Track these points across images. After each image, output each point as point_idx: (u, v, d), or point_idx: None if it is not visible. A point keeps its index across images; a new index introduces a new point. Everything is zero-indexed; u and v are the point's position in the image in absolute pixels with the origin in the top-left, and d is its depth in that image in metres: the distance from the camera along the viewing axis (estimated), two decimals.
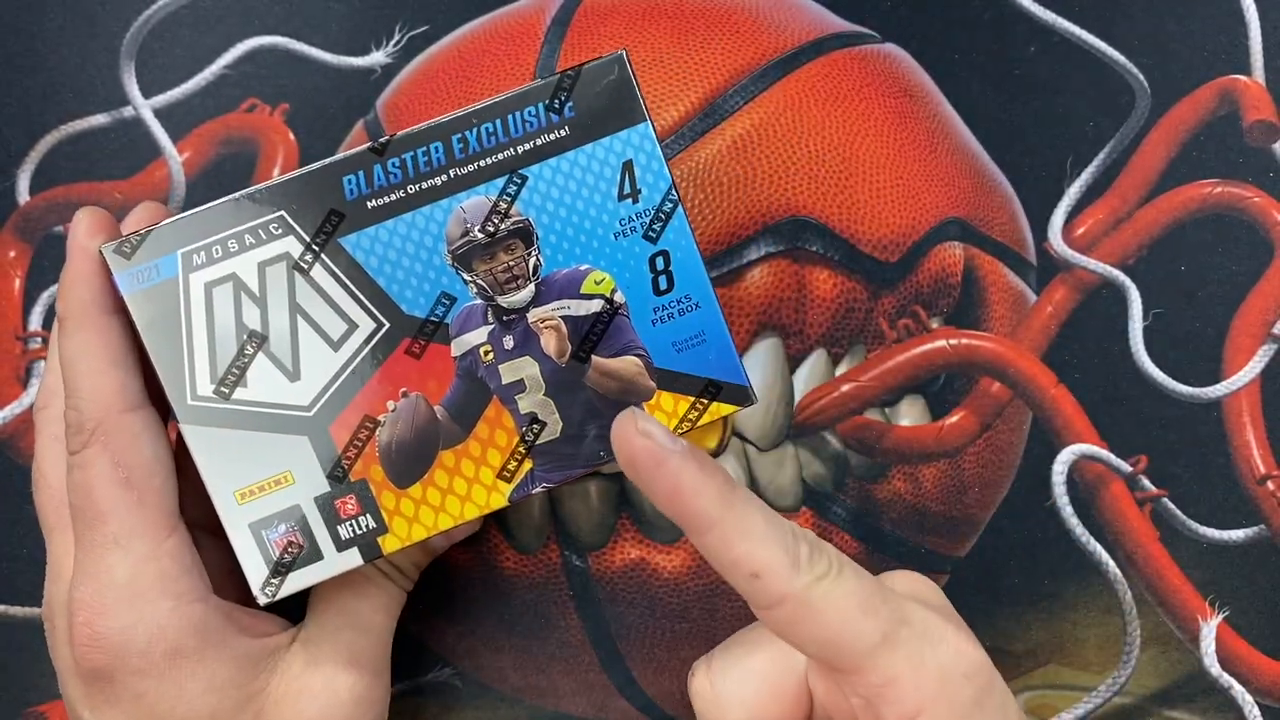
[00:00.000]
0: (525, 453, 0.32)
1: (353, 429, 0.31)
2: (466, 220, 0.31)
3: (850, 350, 0.41)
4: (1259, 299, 0.41)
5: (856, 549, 0.41)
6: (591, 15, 0.41)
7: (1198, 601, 0.41)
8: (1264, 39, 0.41)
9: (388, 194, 0.31)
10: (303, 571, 0.31)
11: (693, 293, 0.32)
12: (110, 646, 0.31)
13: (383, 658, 0.35)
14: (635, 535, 0.41)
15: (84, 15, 0.41)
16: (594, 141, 0.31)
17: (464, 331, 0.31)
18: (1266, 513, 0.41)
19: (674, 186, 0.31)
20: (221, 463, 0.31)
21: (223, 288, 0.31)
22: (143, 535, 0.31)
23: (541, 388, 0.31)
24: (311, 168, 0.31)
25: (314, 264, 0.31)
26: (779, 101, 0.41)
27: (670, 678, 0.41)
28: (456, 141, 0.31)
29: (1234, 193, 0.41)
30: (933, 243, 0.41)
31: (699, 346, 0.32)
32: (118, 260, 0.30)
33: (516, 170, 0.31)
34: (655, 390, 0.32)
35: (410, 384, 0.31)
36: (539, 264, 0.31)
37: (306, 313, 0.31)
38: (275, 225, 0.31)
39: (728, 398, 0.32)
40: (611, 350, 0.31)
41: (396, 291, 0.31)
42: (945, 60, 0.41)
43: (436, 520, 0.31)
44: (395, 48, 0.41)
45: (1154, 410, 0.41)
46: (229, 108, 0.41)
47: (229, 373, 0.31)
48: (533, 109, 0.31)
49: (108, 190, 0.41)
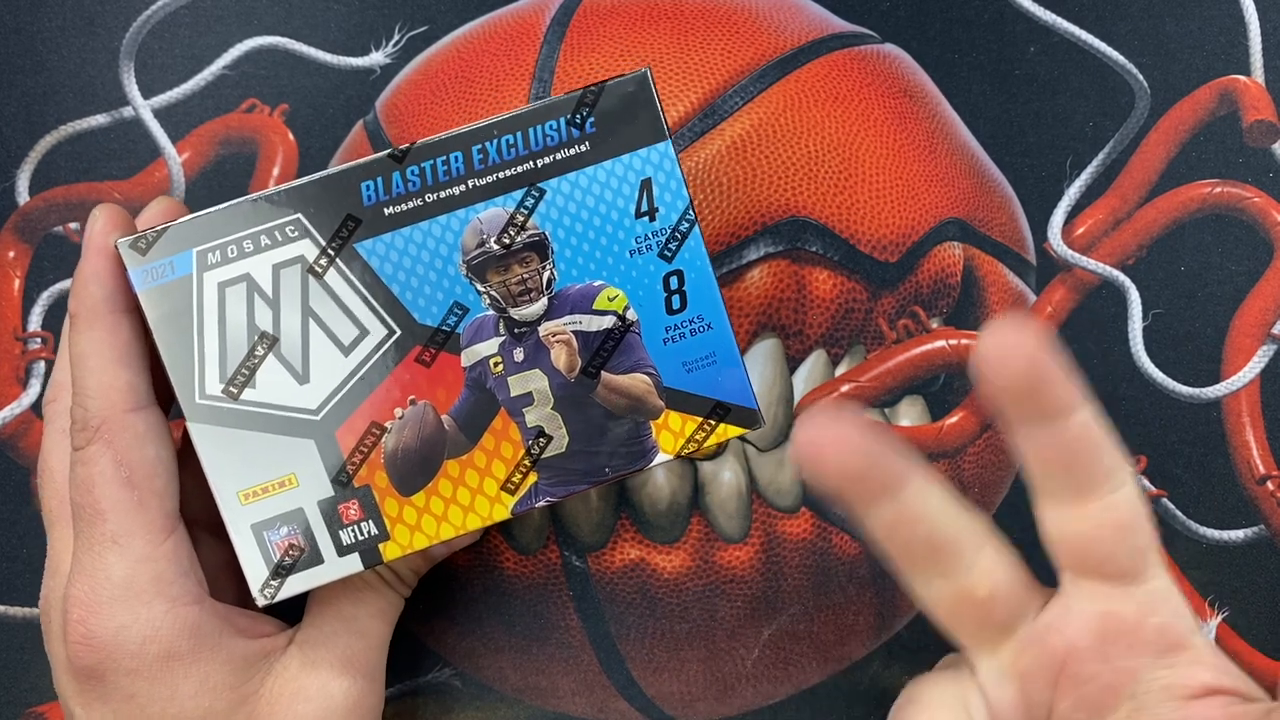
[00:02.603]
0: (530, 466, 0.32)
1: (359, 434, 0.31)
2: (483, 231, 0.31)
3: (850, 350, 0.41)
4: (1258, 299, 0.41)
5: (856, 550, 0.41)
6: (591, 16, 0.41)
7: (1197, 601, 0.41)
8: (1264, 39, 0.41)
9: (405, 201, 0.31)
10: (303, 575, 0.31)
11: (705, 313, 0.32)
12: (103, 646, 0.31)
13: (378, 664, 0.35)
14: (635, 535, 0.41)
15: (84, 15, 0.41)
16: (614, 158, 0.31)
17: (475, 342, 0.31)
18: (1266, 513, 0.41)
19: (691, 206, 0.31)
20: (226, 462, 0.31)
21: (236, 288, 0.31)
22: (141, 536, 0.31)
23: (550, 401, 0.31)
24: (330, 172, 0.31)
25: (329, 268, 0.31)
26: (779, 102, 0.41)
27: (670, 678, 0.41)
28: (476, 152, 0.31)
29: (1234, 193, 0.41)
30: (932, 243, 0.41)
31: (709, 367, 0.32)
32: (132, 256, 0.30)
33: (535, 183, 0.31)
34: (664, 409, 0.32)
35: (419, 392, 0.31)
36: (553, 278, 0.31)
37: (319, 316, 0.31)
38: (292, 228, 0.31)
39: (736, 420, 0.32)
40: (622, 367, 0.31)
41: (410, 299, 0.31)
42: (945, 60, 0.41)
43: (439, 529, 0.31)
44: (395, 48, 0.41)
45: (1154, 410, 0.41)
46: (229, 108, 0.41)
47: (238, 373, 0.31)
48: (554, 123, 0.31)
49: (107, 190, 0.41)
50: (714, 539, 0.41)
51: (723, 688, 0.41)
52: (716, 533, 0.41)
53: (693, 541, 0.41)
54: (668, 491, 0.40)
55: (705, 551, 0.41)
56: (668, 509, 0.40)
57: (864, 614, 0.41)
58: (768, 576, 0.41)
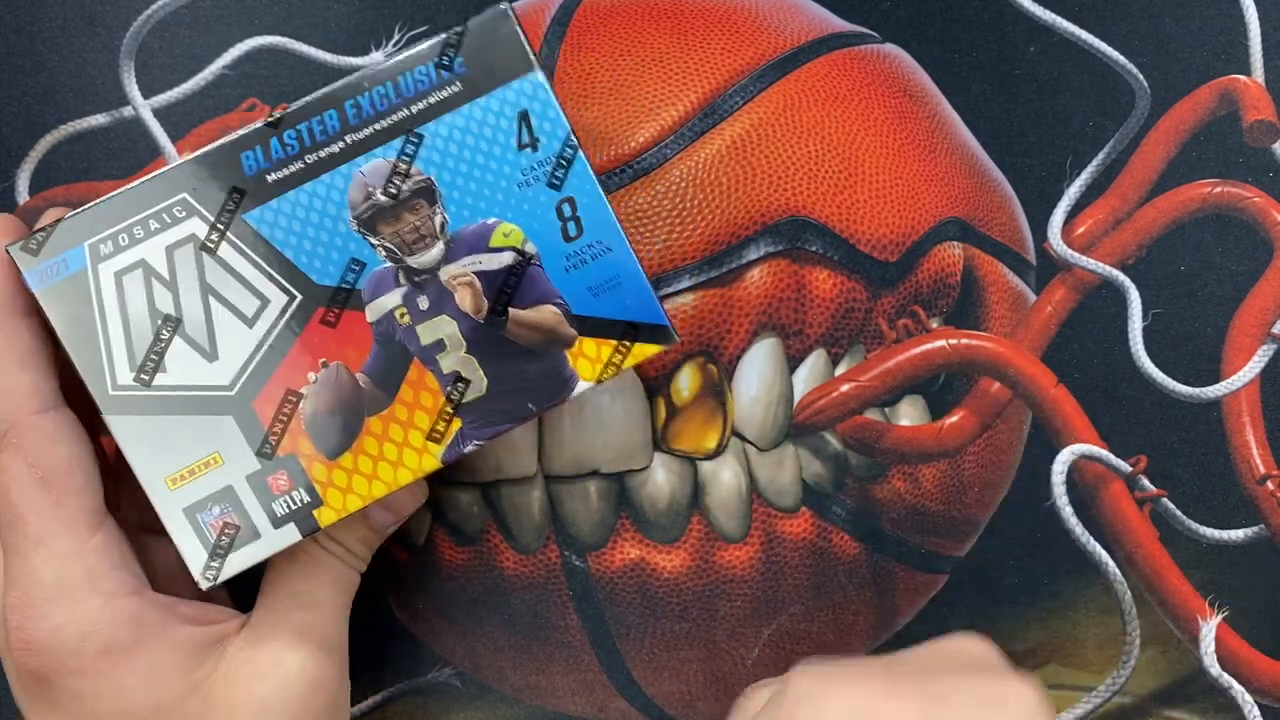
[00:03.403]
0: (453, 412, 0.32)
1: (276, 404, 0.31)
2: (368, 184, 0.31)
3: (850, 350, 0.41)
4: (1259, 299, 0.41)
5: (856, 549, 0.41)
6: (591, 15, 0.41)
7: (1197, 601, 0.41)
8: (1264, 39, 0.41)
9: (287, 166, 0.31)
10: (241, 552, 0.31)
11: (603, 237, 0.31)
12: (42, 648, 0.31)
13: (335, 635, 0.34)
14: (635, 535, 0.41)
15: (84, 15, 0.41)
16: (487, 94, 0.31)
17: (377, 296, 0.31)
18: (1266, 513, 0.41)
19: (573, 133, 0.31)
20: (149, 450, 0.31)
21: (132, 275, 0.31)
22: (64, 534, 0.31)
23: (462, 345, 0.31)
24: (209, 148, 0.31)
25: (220, 243, 0.31)
26: (778, 101, 0.41)
27: (670, 678, 0.41)
28: (350, 107, 0.31)
29: (1234, 193, 0.41)
30: (932, 243, 0.41)
31: (615, 289, 0.32)
32: (24, 258, 0.31)
33: (413, 130, 0.31)
34: (577, 337, 0.32)
35: (329, 354, 0.31)
36: (445, 221, 0.31)
37: (218, 292, 0.31)
38: (179, 208, 0.31)
39: (649, 338, 0.32)
40: (528, 301, 0.31)
41: (305, 262, 0.31)
42: (945, 60, 0.41)
43: (370, 488, 0.31)
44: (395, 48, 0.41)
45: (1154, 410, 0.41)
46: (229, 108, 0.41)
47: (147, 359, 0.31)
48: (423, 68, 0.31)
49: (106, 190, 0.41)
50: (714, 539, 0.41)
51: (723, 687, 0.41)
52: (716, 532, 0.41)
53: (693, 541, 0.41)
54: (668, 491, 0.40)
55: (705, 551, 0.41)
56: (668, 508, 0.40)
57: (864, 614, 0.41)
58: (768, 576, 0.41)
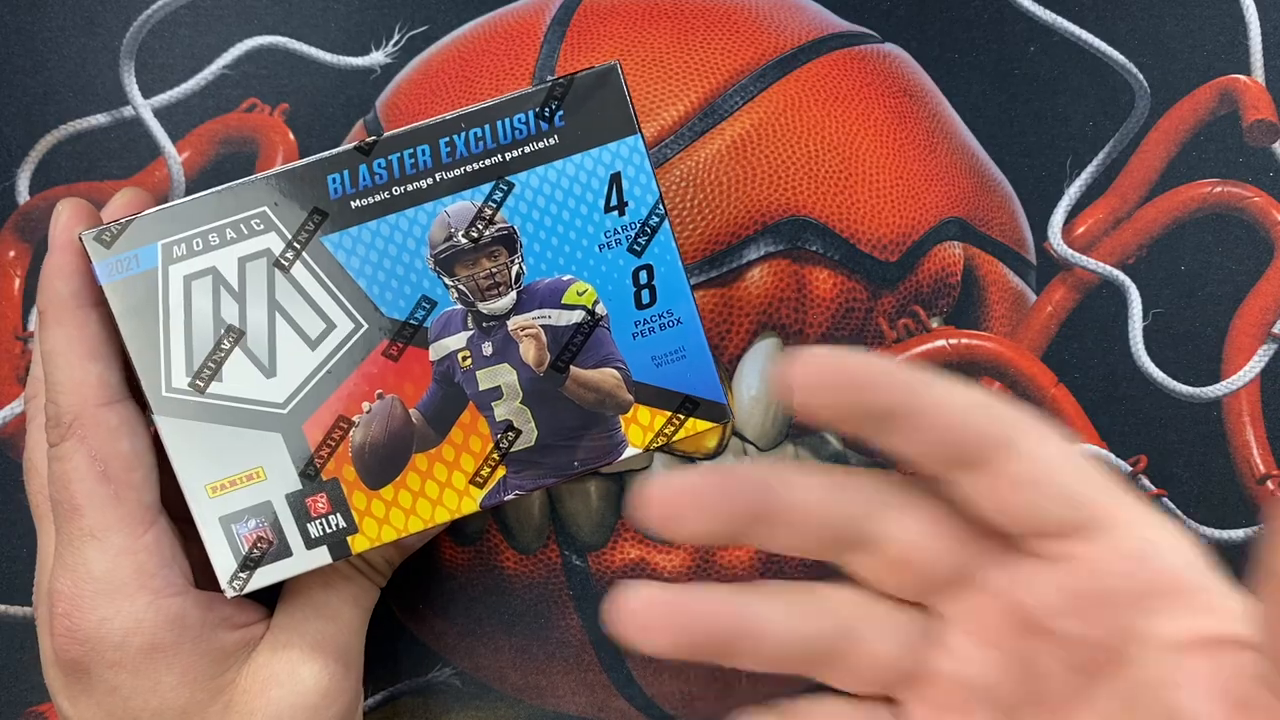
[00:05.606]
0: (499, 460, 0.32)
1: (327, 428, 0.31)
2: (451, 225, 0.31)
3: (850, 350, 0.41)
4: (1259, 299, 0.41)
5: None
6: (591, 15, 0.41)
7: None
8: (1264, 39, 0.41)
9: (372, 195, 0.31)
10: (271, 567, 0.31)
11: (675, 308, 0.32)
12: (86, 639, 0.31)
13: (351, 648, 0.35)
14: (635, 535, 0.41)
15: (84, 15, 0.41)
16: (583, 152, 0.31)
17: (443, 336, 0.31)
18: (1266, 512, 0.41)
19: (661, 201, 0.31)
20: (194, 455, 0.31)
21: (202, 281, 0.31)
22: (119, 529, 0.31)
23: (518, 395, 0.31)
24: (296, 164, 0.31)
25: (295, 261, 0.31)
26: (778, 101, 0.41)
27: (670, 678, 0.41)
28: (444, 145, 0.31)
29: (1234, 193, 0.41)
30: (932, 242, 0.41)
31: (679, 362, 0.32)
32: (97, 249, 0.30)
33: (503, 177, 0.31)
34: (633, 403, 0.32)
35: (387, 386, 0.31)
36: (522, 272, 0.31)
37: (285, 310, 0.31)
38: (258, 221, 0.31)
39: (705, 414, 0.32)
40: (591, 362, 0.31)
41: (377, 293, 0.31)
42: (945, 60, 0.41)
43: (407, 523, 0.31)
44: (395, 48, 0.41)
45: (1154, 410, 0.41)
46: (229, 108, 0.41)
47: (205, 366, 0.31)
48: (523, 115, 0.31)
49: (107, 190, 0.41)
50: None
51: (723, 687, 0.41)
52: None
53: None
54: None
55: (705, 550, 0.41)
56: None
57: None
58: (767, 576, 0.41)
